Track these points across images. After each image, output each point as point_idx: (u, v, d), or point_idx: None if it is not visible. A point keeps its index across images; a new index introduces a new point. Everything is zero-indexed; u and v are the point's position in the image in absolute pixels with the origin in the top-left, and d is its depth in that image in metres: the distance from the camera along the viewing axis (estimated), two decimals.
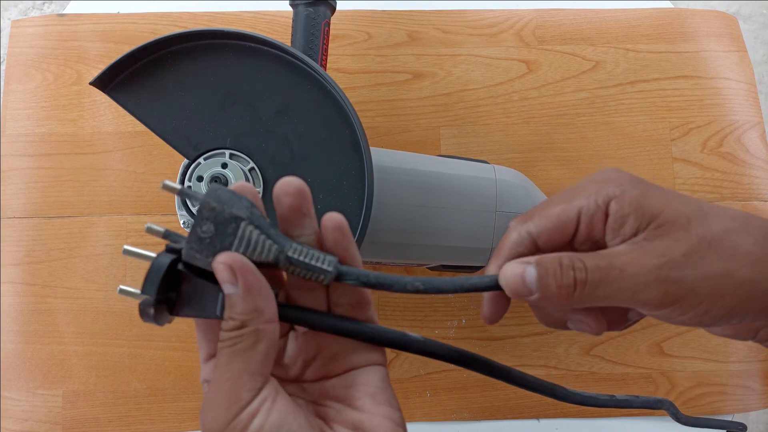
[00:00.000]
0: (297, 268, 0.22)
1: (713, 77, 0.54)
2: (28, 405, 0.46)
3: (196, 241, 0.21)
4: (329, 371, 0.24)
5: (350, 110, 0.33)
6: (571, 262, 0.22)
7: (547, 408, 0.47)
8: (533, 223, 0.24)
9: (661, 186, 0.24)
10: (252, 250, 0.21)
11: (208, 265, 0.21)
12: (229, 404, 0.20)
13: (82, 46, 0.52)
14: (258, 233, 0.22)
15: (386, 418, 0.22)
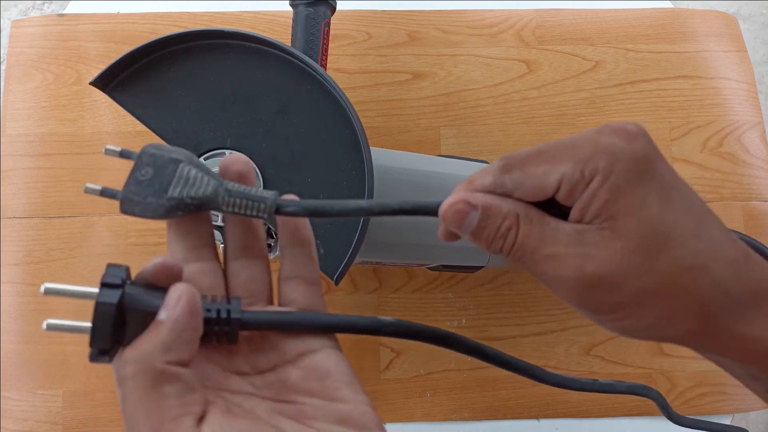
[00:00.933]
0: (236, 200, 0.21)
1: (713, 77, 0.54)
2: (28, 405, 0.46)
3: (134, 184, 0.22)
4: (284, 354, 0.22)
5: (350, 110, 0.33)
6: (508, 231, 0.21)
7: (547, 408, 0.47)
8: (510, 178, 0.22)
9: (663, 177, 0.21)
10: (191, 185, 0.21)
11: (146, 210, 0.21)
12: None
13: (82, 46, 0.52)
14: (196, 171, 0.22)
15: (367, 405, 0.21)
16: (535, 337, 0.48)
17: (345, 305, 0.48)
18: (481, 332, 0.48)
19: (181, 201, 0.21)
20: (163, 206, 0.21)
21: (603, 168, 0.20)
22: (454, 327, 0.48)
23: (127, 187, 0.22)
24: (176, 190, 0.21)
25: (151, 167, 0.22)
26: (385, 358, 0.47)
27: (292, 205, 0.22)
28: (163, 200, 0.21)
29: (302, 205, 0.22)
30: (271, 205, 0.22)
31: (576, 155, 0.21)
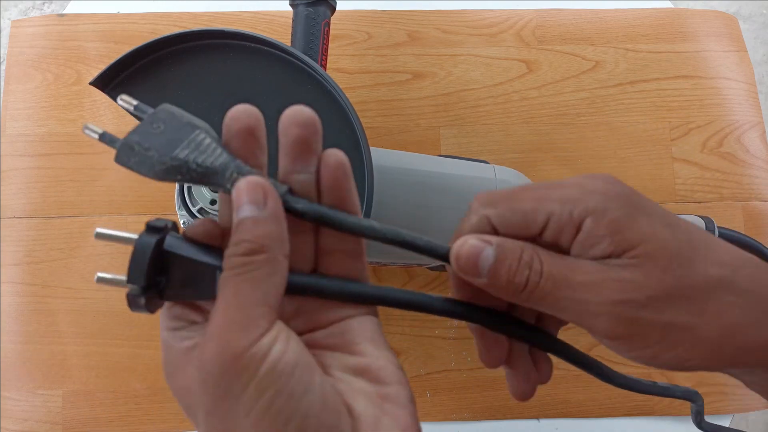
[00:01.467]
0: None
1: (713, 77, 0.54)
2: (28, 405, 0.46)
3: (140, 134, 0.20)
4: (317, 323, 0.21)
5: (350, 110, 0.33)
6: (531, 260, 0.20)
7: (548, 408, 0.47)
8: (495, 212, 0.21)
9: (655, 207, 0.21)
10: (200, 152, 0.19)
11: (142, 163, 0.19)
12: (247, 331, 0.17)
13: (82, 46, 0.52)
14: (211, 140, 0.20)
15: (390, 362, 0.20)
16: None
17: None
18: None
19: (185, 164, 0.19)
20: (164, 164, 0.19)
21: (594, 208, 0.20)
22: (455, 327, 0.48)
23: (130, 135, 0.20)
24: (184, 152, 0.19)
25: (165, 124, 0.20)
26: None
27: (302, 203, 0.20)
28: (166, 158, 0.19)
29: (313, 208, 0.20)
30: (282, 196, 0.20)
31: (563, 195, 0.21)
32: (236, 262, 0.18)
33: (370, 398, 0.19)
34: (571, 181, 0.22)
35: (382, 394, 0.19)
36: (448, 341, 0.48)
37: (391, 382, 0.20)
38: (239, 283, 0.18)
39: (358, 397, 0.19)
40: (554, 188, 0.21)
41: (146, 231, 0.19)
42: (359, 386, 0.19)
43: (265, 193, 0.19)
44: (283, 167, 0.21)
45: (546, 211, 0.21)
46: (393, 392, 0.20)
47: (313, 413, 0.17)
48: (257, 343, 0.17)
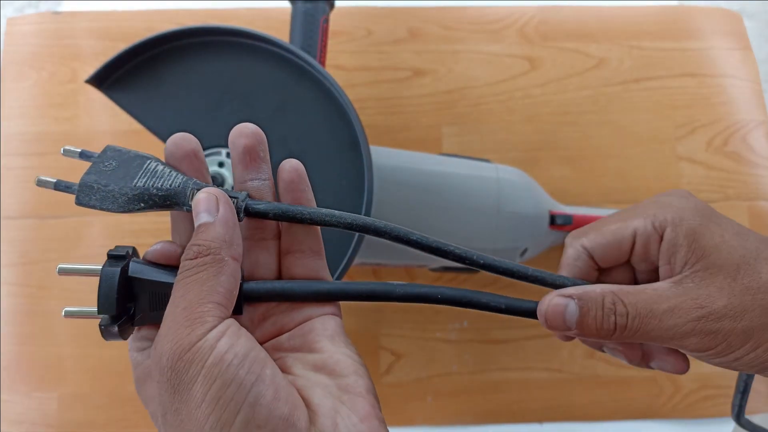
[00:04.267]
0: None
1: (718, 75, 0.54)
2: (24, 407, 0.45)
3: (95, 173, 0.20)
4: (282, 327, 0.23)
5: (349, 108, 0.32)
6: (614, 305, 0.22)
7: (551, 412, 0.46)
8: (587, 239, 0.25)
9: (725, 219, 0.24)
10: (158, 178, 0.21)
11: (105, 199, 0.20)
12: (194, 326, 0.18)
13: (78, 44, 0.52)
14: (164, 167, 0.21)
15: (347, 356, 0.21)
16: (539, 340, 0.47)
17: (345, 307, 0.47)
18: (484, 335, 0.47)
19: (146, 191, 0.20)
20: (126, 195, 0.20)
21: (672, 219, 0.23)
22: (456, 329, 0.47)
23: (85, 177, 0.20)
24: (141, 180, 0.20)
25: (116, 161, 0.21)
26: (384, 362, 0.46)
27: (263, 204, 0.21)
28: (126, 189, 0.20)
29: (273, 206, 0.21)
30: (240, 204, 0.21)
31: (644, 212, 0.24)
32: (186, 265, 0.19)
33: (329, 390, 0.20)
34: (648, 200, 0.25)
35: (340, 386, 0.21)
36: (450, 344, 0.47)
37: (348, 374, 0.21)
38: (187, 284, 0.19)
39: (316, 389, 0.20)
40: (634, 208, 0.25)
41: (109, 260, 0.20)
42: (317, 380, 0.21)
43: (218, 201, 0.20)
44: (238, 176, 0.22)
45: (631, 227, 0.24)
46: (351, 383, 0.21)
47: (263, 403, 0.18)
48: (204, 337, 0.18)
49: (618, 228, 0.24)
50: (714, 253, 0.22)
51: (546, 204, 0.43)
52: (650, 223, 0.23)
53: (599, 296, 0.22)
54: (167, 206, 0.21)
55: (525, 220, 0.40)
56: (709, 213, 0.23)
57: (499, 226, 0.39)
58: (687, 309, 0.22)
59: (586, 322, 0.22)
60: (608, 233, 0.24)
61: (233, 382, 0.17)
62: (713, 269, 0.22)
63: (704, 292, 0.22)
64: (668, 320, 0.22)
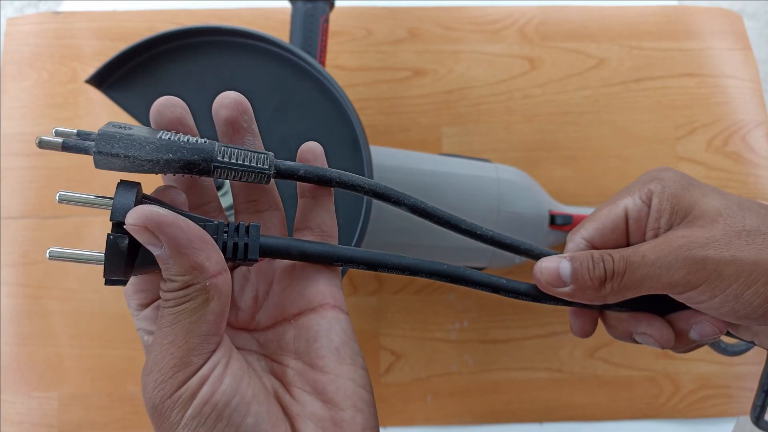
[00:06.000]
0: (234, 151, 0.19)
1: (718, 75, 0.54)
2: (24, 408, 0.45)
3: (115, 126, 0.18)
4: (283, 311, 0.21)
5: (349, 108, 0.32)
6: (601, 256, 0.23)
7: (551, 412, 0.46)
8: (584, 229, 0.25)
9: (706, 185, 0.24)
10: (179, 136, 0.19)
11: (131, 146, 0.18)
12: (176, 370, 0.17)
13: (78, 44, 0.52)
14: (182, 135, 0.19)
15: (349, 379, 0.20)
16: (539, 340, 0.47)
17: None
18: (484, 334, 0.47)
19: (174, 144, 0.18)
20: (153, 143, 0.18)
21: (656, 189, 0.24)
22: (456, 329, 0.47)
23: (105, 127, 0.18)
24: (167, 135, 0.19)
25: (130, 128, 0.18)
26: (384, 362, 0.46)
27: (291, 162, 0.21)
28: (154, 137, 0.18)
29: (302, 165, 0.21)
30: (272, 160, 0.19)
31: (630, 190, 0.25)
32: (166, 296, 0.18)
33: (322, 424, 0.19)
34: (632, 182, 0.26)
35: (335, 420, 0.19)
36: (450, 344, 0.47)
37: (346, 407, 0.19)
38: (173, 314, 0.18)
39: (308, 423, 0.19)
40: (620, 191, 0.25)
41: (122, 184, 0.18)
42: (312, 410, 0.19)
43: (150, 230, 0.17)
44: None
45: (622, 206, 0.24)
46: (347, 418, 0.19)
47: None
48: (186, 383, 0.17)
49: (609, 210, 0.25)
50: (695, 208, 0.23)
51: (546, 204, 0.43)
52: (637, 197, 0.24)
53: (587, 252, 0.24)
54: (195, 164, 0.18)
55: (525, 220, 0.40)
56: (691, 179, 0.24)
57: (499, 226, 0.39)
58: (668, 242, 0.22)
59: (580, 274, 0.23)
60: (602, 217, 0.25)
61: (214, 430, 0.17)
62: (694, 219, 0.23)
63: (685, 230, 0.22)
64: (651, 254, 0.22)
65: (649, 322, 0.25)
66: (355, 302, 0.47)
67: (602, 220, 0.25)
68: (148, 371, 0.18)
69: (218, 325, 0.18)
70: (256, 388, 0.18)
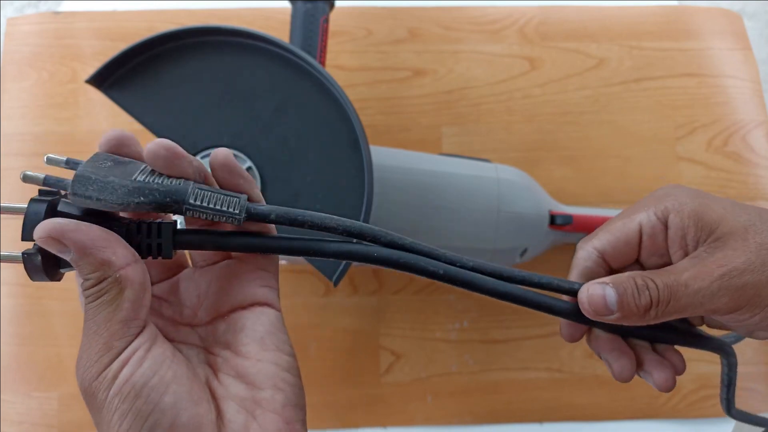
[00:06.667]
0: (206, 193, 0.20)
1: (718, 75, 0.54)
2: (24, 407, 0.45)
3: (92, 167, 0.19)
4: (218, 308, 0.23)
5: (349, 108, 0.32)
6: (644, 282, 0.23)
7: (551, 412, 0.46)
8: (597, 239, 0.26)
9: (718, 196, 0.25)
10: (157, 176, 0.20)
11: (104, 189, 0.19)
12: (100, 354, 0.19)
13: (78, 44, 0.52)
14: (157, 172, 0.20)
15: (272, 363, 0.22)
16: (539, 340, 0.47)
17: (344, 307, 0.47)
18: (484, 335, 0.47)
19: (147, 185, 0.19)
20: (126, 187, 0.19)
21: (672, 206, 0.24)
22: (456, 329, 0.47)
23: (82, 167, 0.19)
24: (141, 176, 0.20)
25: (111, 162, 0.20)
26: (384, 362, 0.46)
27: (264, 207, 0.21)
28: (127, 181, 0.19)
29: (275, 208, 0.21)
30: (244, 202, 0.21)
31: (643, 207, 0.25)
32: (86, 294, 0.20)
33: (243, 403, 0.21)
34: (644, 198, 0.26)
35: (256, 399, 0.21)
36: (450, 344, 0.47)
37: (266, 387, 0.21)
38: (93, 308, 0.19)
39: (231, 403, 0.21)
40: (634, 205, 0.26)
41: (38, 196, 0.20)
42: (236, 391, 0.21)
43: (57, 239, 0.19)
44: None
45: (636, 221, 0.25)
46: (267, 397, 0.21)
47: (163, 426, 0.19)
48: (108, 367, 0.19)
49: (623, 224, 0.25)
50: (721, 224, 0.23)
51: (546, 204, 0.43)
52: (652, 213, 0.25)
53: (630, 277, 0.24)
54: (167, 205, 0.20)
55: (525, 220, 0.40)
56: (704, 194, 0.25)
57: (499, 226, 0.39)
58: (709, 271, 0.23)
59: (626, 302, 0.23)
60: (615, 230, 0.25)
61: (130, 411, 0.19)
62: (724, 237, 0.23)
63: (721, 254, 0.23)
64: (694, 284, 0.23)
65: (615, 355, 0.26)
66: (355, 302, 0.47)
67: (616, 233, 0.25)
68: (79, 358, 0.19)
69: (136, 311, 0.20)
70: (179, 372, 0.20)
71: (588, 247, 0.26)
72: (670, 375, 0.26)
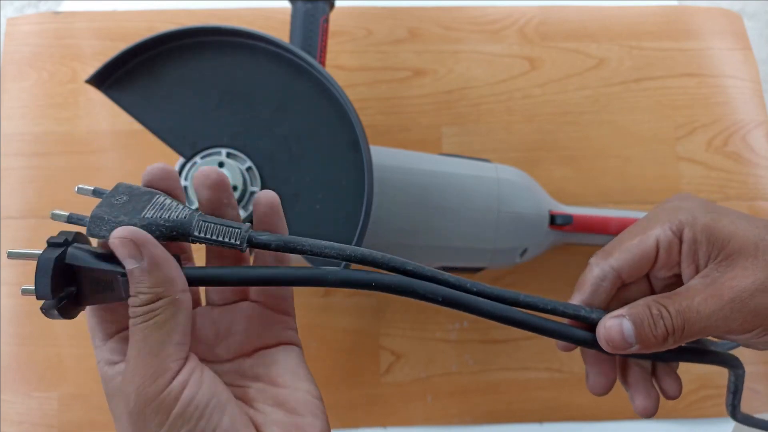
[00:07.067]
0: (210, 225, 0.22)
1: (718, 75, 0.54)
2: (24, 407, 0.45)
3: (107, 205, 0.22)
4: (243, 348, 0.24)
5: (349, 108, 0.32)
6: (659, 311, 0.23)
7: (551, 412, 0.46)
8: (614, 258, 0.25)
9: (728, 209, 0.25)
10: (165, 210, 0.22)
11: (115, 228, 0.20)
12: (156, 375, 0.19)
13: (78, 44, 0.52)
14: (171, 200, 0.22)
15: (308, 393, 0.23)
16: (539, 340, 0.47)
17: (344, 307, 0.47)
18: (484, 335, 0.47)
19: (154, 222, 0.21)
20: (135, 225, 0.21)
21: (686, 219, 0.24)
22: (456, 329, 0.47)
23: (97, 209, 0.22)
24: (150, 212, 0.21)
25: (127, 195, 0.22)
26: (384, 362, 0.46)
27: (264, 235, 0.22)
28: (136, 219, 0.21)
29: (276, 237, 0.22)
30: (243, 235, 0.22)
31: (658, 221, 0.25)
32: (138, 312, 0.20)
33: (286, 428, 0.22)
34: (655, 210, 0.26)
35: (297, 425, 0.22)
36: (450, 344, 0.47)
37: (306, 414, 0.22)
38: (145, 329, 0.20)
39: (274, 427, 0.22)
40: (647, 220, 0.26)
41: (48, 247, 0.21)
42: (276, 417, 0.22)
43: (136, 244, 0.20)
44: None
45: (653, 237, 0.25)
46: (307, 423, 0.22)
47: None
48: (168, 386, 0.19)
49: (640, 241, 0.25)
50: (732, 240, 0.23)
51: (546, 204, 0.43)
52: (668, 228, 0.25)
53: (645, 307, 0.24)
54: (174, 237, 0.21)
55: (525, 220, 0.40)
56: (715, 207, 0.25)
57: (499, 226, 0.39)
58: (719, 294, 0.23)
59: (644, 334, 0.23)
60: (633, 248, 0.25)
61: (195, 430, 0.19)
62: (734, 255, 0.23)
63: (731, 275, 0.23)
64: (705, 309, 0.23)
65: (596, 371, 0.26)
66: (355, 302, 0.47)
67: (633, 251, 0.25)
68: (128, 381, 0.19)
69: (187, 336, 0.20)
70: (229, 393, 0.21)
71: (605, 266, 0.26)
72: (651, 403, 0.26)
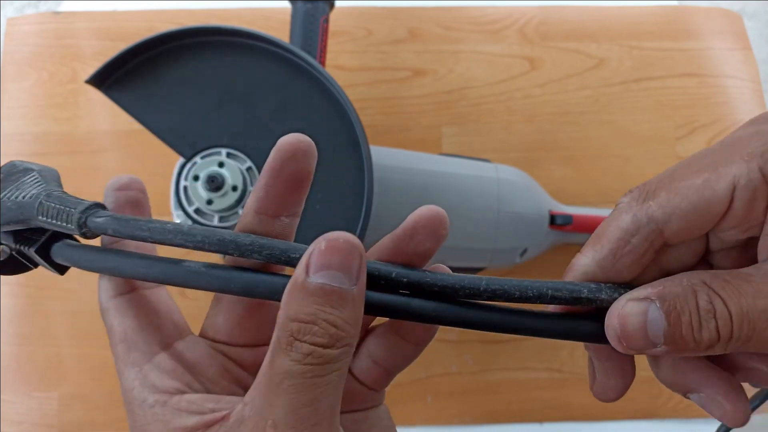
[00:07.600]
0: (50, 205, 0.19)
1: (718, 75, 0.54)
2: (24, 407, 0.45)
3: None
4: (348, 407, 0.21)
5: (349, 108, 0.32)
6: (711, 305, 0.15)
7: (551, 412, 0.46)
8: (658, 203, 0.16)
9: None
10: (20, 190, 0.20)
11: None
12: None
13: (78, 44, 0.52)
14: (37, 179, 0.20)
15: None
16: (539, 340, 0.47)
17: None
18: (484, 335, 0.47)
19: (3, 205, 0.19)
20: None
21: None
22: (456, 329, 0.47)
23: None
24: (2, 192, 0.20)
25: (5, 174, 0.21)
26: None
27: (102, 216, 0.18)
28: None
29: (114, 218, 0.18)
30: (80, 212, 0.18)
31: (740, 152, 0.15)
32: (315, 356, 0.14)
33: None
34: (745, 129, 0.16)
35: None
36: (450, 344, 0.47)
37: None
38: (319, 386, 0.14)
39: None
40: (728, 147, 0.16)
41: None
42: None
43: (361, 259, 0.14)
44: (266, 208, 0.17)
45: (728, 178, 0.15)
46: None
47: None
48: None
49: (706, 182, 0.15)
50: None
51: (546, 204, 0.43)
52: (756, 166, 0.15)
53: (689, 292, 0.15)
54: (23, 221, 0.19)
55: (525, 220, 0.40)
56: None
57: (499, 226, 0.39)
58: None
59: (679, 334, 0.15)
60: (692, 193, 0.15)
61: None
62: None
63: None
64: None
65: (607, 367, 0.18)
66: None
67: (691, 198, 0.15)
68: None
69: None
70: None
71: (640, 213, 0.16)
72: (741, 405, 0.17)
